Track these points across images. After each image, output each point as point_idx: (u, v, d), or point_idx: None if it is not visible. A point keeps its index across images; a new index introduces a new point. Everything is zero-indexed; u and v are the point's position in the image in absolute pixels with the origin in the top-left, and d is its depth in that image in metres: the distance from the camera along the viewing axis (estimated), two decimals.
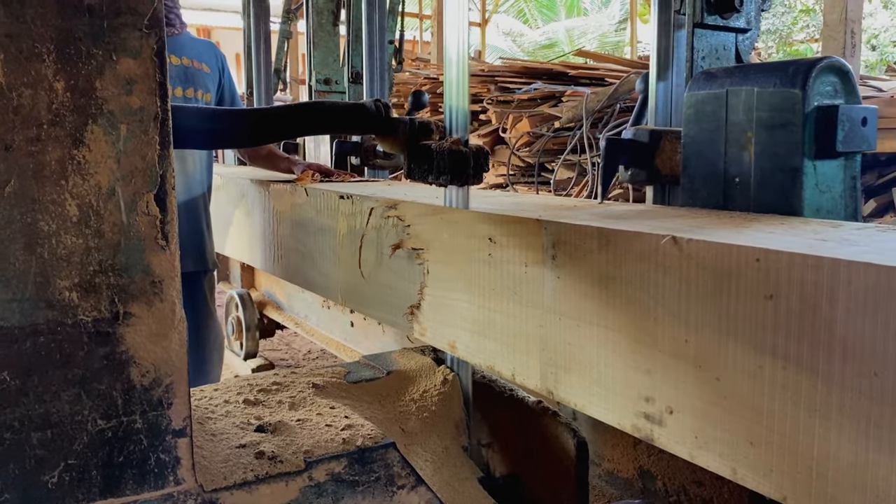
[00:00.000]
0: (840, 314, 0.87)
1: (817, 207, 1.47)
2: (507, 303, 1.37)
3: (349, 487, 1.27)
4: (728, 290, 1.00)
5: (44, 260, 0.99)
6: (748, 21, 1.84)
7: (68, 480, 1.03)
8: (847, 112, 1.44)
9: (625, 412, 1.16)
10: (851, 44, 4.41)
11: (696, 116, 1.58)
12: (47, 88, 0.96)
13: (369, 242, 1.84)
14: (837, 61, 1.49)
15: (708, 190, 1.56)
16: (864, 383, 0.85)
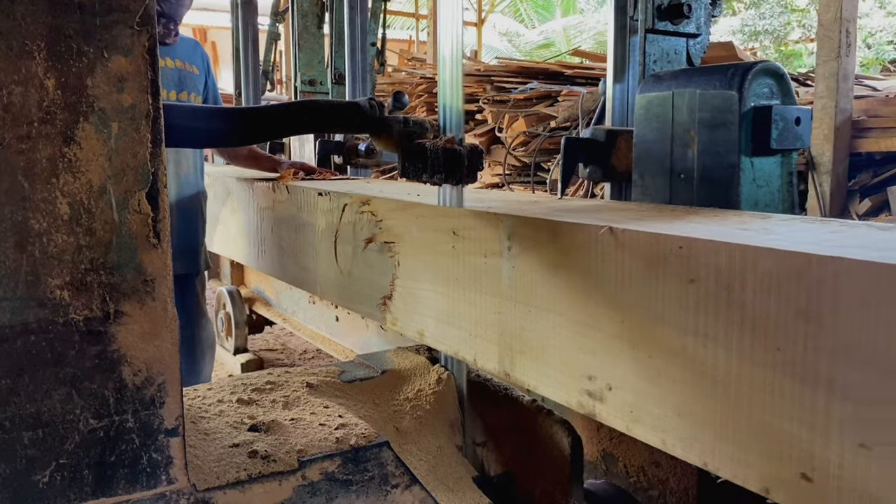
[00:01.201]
0: (749, 295, 0.96)
1: (755, 201, 1.56)
2: (469, 292, 1.45)
3: (343, 487, 1.26)
4: (656, 276, 1.08)
5: (35, 258, 0.98)
6: (698, 26, 1.94)
7: (60, 480, 1.03)
8: (781, 112, 1.54)
9: (571, 390, 1.23)
10: (847, 43, 4.42)
11: (645, 117, 1.67)
12: (38, 86, 0.96)
13: (345, 237, 1.92)
14: (773, 65, 1.59)
15: (656, 185, 1.65)
16: (769, 357, 0.94)
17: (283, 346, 4.46)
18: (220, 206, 2.84)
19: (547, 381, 1.28)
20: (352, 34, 2.83)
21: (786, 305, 0.92)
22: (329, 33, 3.47)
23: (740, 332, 0.97)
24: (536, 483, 1.49)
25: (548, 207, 1.48)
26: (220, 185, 2.86)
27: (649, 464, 1.68)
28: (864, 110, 4.59)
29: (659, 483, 1.65)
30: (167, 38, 2.42)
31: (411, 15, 14.78)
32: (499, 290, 1.37)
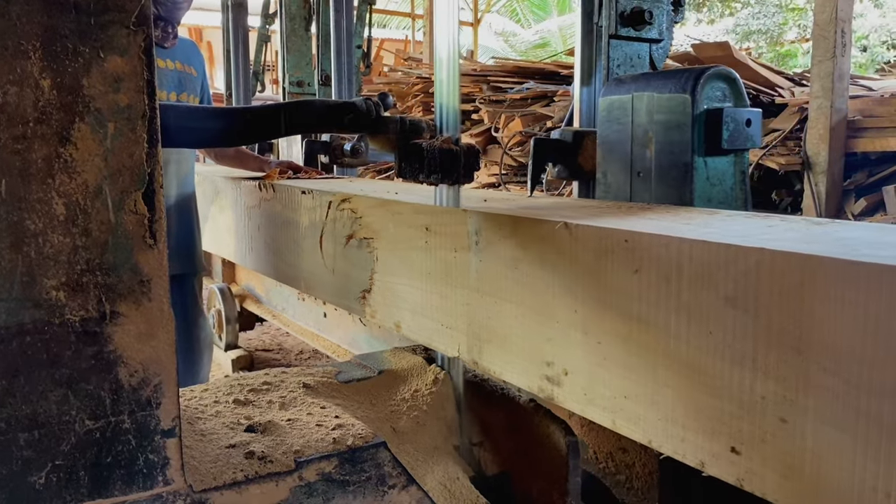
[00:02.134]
0: (685, 283, 1.04)
1: (709, 198, 1.65)
2: (441, 285, 1.53)
3: (340, 487, 1.26)
4: (605, 267, 1.16)
5: (30, 259, 0.98)
6: (660, 32, 2.02)
7: (56, 481, 1.03)
8: (732, 114, 1.63)
9: (532, 376, 1.32)
10: (842, 43, 4.43)
11: (607, 118, 1.75)
12: (33, 86, 0.95)
13: (328, 234, 1.99)
14: (725, 70, 1.68)
15: (618, 183, 1.74)
16: (703, 341, 1.02)
17: (280, 346, 4.46)
18: (209, 204, 2.89)
19: (511, 367, 1.36)
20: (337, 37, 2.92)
21: (716, 293, 0.99)
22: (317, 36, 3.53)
23: (677, 317, 1.05)
24: (533, 483, 1.49)
25: (516, 205, 1.55)
26: (209, 184, 2.91)
27: (617, 450, 1.74)
28: (859, 110, 4.60)
29: (626, 468, 1.72)
30: (165, 42, 2.42)
31: (407, 15, 14.78)
32: (467, 283, 1.45)
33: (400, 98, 7.03)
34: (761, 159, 4.50)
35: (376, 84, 7.90)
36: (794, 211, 4.68)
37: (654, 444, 1.12)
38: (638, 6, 1.95)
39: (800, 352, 0.91)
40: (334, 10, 2.90)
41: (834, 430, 0.88)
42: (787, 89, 5.20)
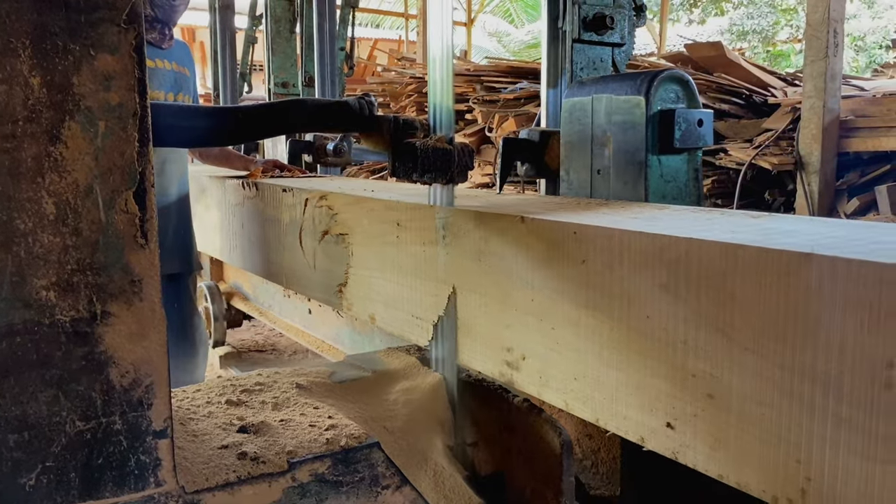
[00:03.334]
0: (626, 271, 1.12)
1: (663, 194, 1.75)
2: (411, 277, 1.63)
3: (333, 488, 1.26)
4: (557, 258, 1.25)
5: (20, 259, 0.97)
6: (622, 36, 2.12)
7: (46, 483, 1.02)
8: (684, 115, 1.73)
9: (494, 362, 1.42)
10: (834, 43, 4.45)
11: (569, 119, 1.85)
12: (23, 84, 0.95)
13: (307, 230, 2.09)
14: (678, 73, 1.78)
15: (580, 181, 1.84)
16: (642, 324, 1.11)
17: (273, 346, 4.45)
18: (195, 203, 2.97)
19: (475, 355, 1.47)
20: (321, 39, 2.99)
21: (652, 279, 1.08)
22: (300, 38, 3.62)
23: (619, 303, 1.13)
24: (527, 483, 1.49)
25: (483, 201, 1.63)
26: (195, 182, 2.98)
27: (583, 436, 1.80)
28: (851, 110, 4.62)
29: (591, 453, 1.79)
30: (162, 43, 2.44)
31: (401, 15, 14.78)
32: (435, 275, 1.54)
33: (393, 98, 7.02)
34: (754, 159, 4.51)
35: (369, 84, 7.89)
36: (787, 210, 4.69)
37: (601, 423, 1.20)
38: (600, 12, 2.05)
39: (724, 333, 0.99)
40: (317, 14, 2.97)
41: (756, 405, 0.96)
42: (779, 89, 5.21)
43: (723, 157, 4.68)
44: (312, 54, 3.15)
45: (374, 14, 18.16)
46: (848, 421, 0.86)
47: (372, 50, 13.74)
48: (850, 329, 0.86)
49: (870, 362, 0.84)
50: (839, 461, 0.88)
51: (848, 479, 0.87)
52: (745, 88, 5.10)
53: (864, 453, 0.85)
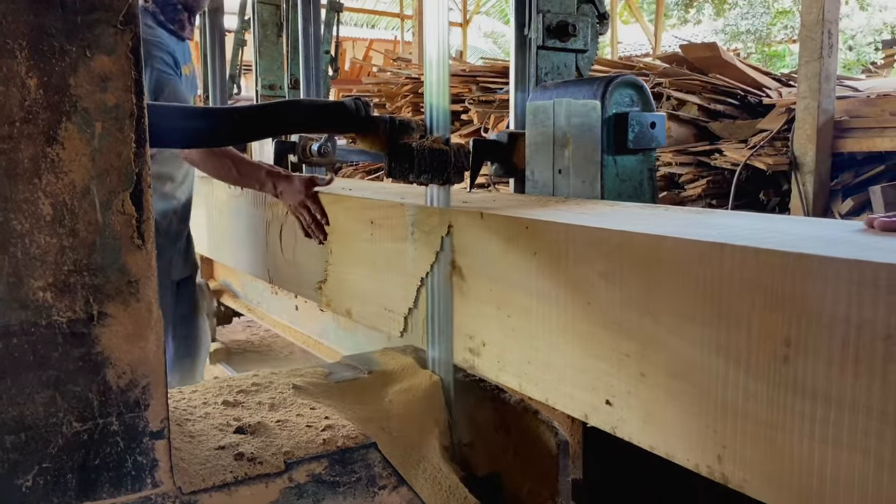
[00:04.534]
0: (571, 262, 1.23)
1: (619, 193, 1.86)
2: (383, 273, 1.74)
3: (330, 488, 1.26)
4: (512, 250, 1.36)
5: (17, 259, 0.97)
6: (585, 43, 2.23)
7: (43, 484, 1.02)
8: (637, 118, 1.83)
9: (458, 349, 1.53)
10: (829, 44, 4.46)
11: (533, 121, 1.93)
12: (20, 85, 0.95)
13: (288, 228, 2.20)
14: (632, 78, 1.90)
15: (543, 180, 1.92)
16: (584, 310, 1.21)
17: (269, 347, 4.44)
18: None
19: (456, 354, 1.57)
20: (305, 43, 3.07)
21: (592, 269, 1.19)
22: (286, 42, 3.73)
23: (565, 291, 1.24)
24: (523, 483, 1.49)
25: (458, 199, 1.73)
26: None
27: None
28: (846, 111, 4.63)
29: None
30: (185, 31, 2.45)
31: (396, 15, 14.77)
32: (405, 270, 1.64)
33: (389, 98, 7.02)
34: (749, 160, 4.52)
35: (365, 84, 7.89)
36: (782, 211, 4.70)
37: (550, 402, 1.31)
38: (563, 20, 2.14)
39: (652, 316, 1.09)
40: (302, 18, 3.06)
41: (678, 381, 1.06)
42: (774, 90, 5.22)
43: (718, 158, 4.68)
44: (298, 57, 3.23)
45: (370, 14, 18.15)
46: (754, 393, 0.96)
47: (368, 50, 13.73)
48: (755, 310, 0.95)
49: (771, 340, 0.93)
50: (748, 429, 0.97)
51: (755, 446, 0.96)
52: (739, 89, 5.11)
53: (767, 422, 0.95)
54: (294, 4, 3.33)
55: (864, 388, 0.85)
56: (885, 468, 0.84)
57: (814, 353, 0.89)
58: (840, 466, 0.88)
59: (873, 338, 0.84)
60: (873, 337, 0.83)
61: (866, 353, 0.84)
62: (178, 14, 2.44)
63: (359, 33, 18.40)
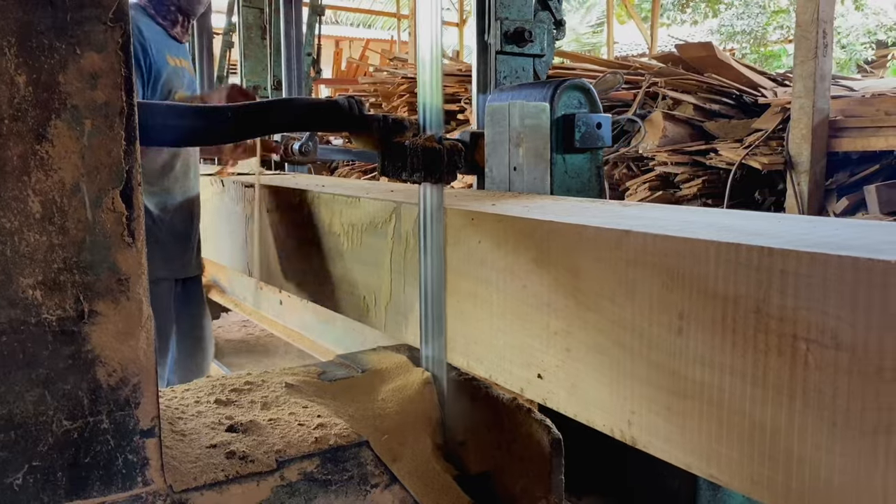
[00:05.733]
0: (509, 249, 1.34)
1: (568, 188, 2.03)
2: (350, 262, 1.92)
3: (322, 487, 1.26)
4: (461, 239, 1.48)
5: (6, 258, 0.97)
6: (542, 48, 2.38)
7: (33, 482, 1.01)
8: (583, 119, 2.00)
9: (415, 334, 1.61)
10: (823, 44, 4.47)
11: (491, 122, 2.04)
12: (8, 82, 0.94)
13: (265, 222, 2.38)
14: (580, 82, 2.06)
15: (500, 177, 2.03)
16: (520, 293, 1.33)
17: (265, 347, 4.44)
18: None
19: (405, 331, 1.72)
20: (287, 45, 3.22)
21: (526, 255, 1.31)
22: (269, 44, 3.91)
23: (503, 276, 1.35)
24: (517, 481, 1.49)
25: (405, 195, 1.85)
26: None
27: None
28: (841, 110, 4.64)
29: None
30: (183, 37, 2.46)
31: (393, 15, 14.78)
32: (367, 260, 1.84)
33: (385, 98, 7.02)
34: (744, 159, 4.53)
35: (361, 84, 7.89)
36: (777, 210, 4.71)
37: (492, 378, 1.44)
38: (520, 27, 2.28)
39: (574, 297, 1.21)
40: (284, 21, 3.19)
41: (596, 355, 1.18)
42: (769, 89, 5.23)
43: (713, 157, 4.69)
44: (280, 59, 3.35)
45: (366, 14, 18.14)
46: (656, 363, 1.07)
47: (364, 50, 13.73)
48: (655, 289, 1.07)
49: (668, 314, 1.05)
50: (651, 395, 1.09)
51: (658, 410, 1.08)
52: (735, 88, 5.12)
53: (668, 388, 1.06)
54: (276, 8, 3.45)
55: (741, 356, 0.96)
56: (756, 429, 0.94)
57: (701, 326, 1.01)
58: (724, 427, 0.99)
59: (746, 311, 0.95)
60: (746, 310, 0.95)
61: (741, 325, 0.95)
62: (170, 14, 2.45)
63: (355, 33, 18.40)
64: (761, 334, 0.93)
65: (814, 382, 0.87)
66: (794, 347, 0.89)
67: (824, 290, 0.86)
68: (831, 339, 0.86)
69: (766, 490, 0.94)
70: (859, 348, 0.83)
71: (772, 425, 0.92)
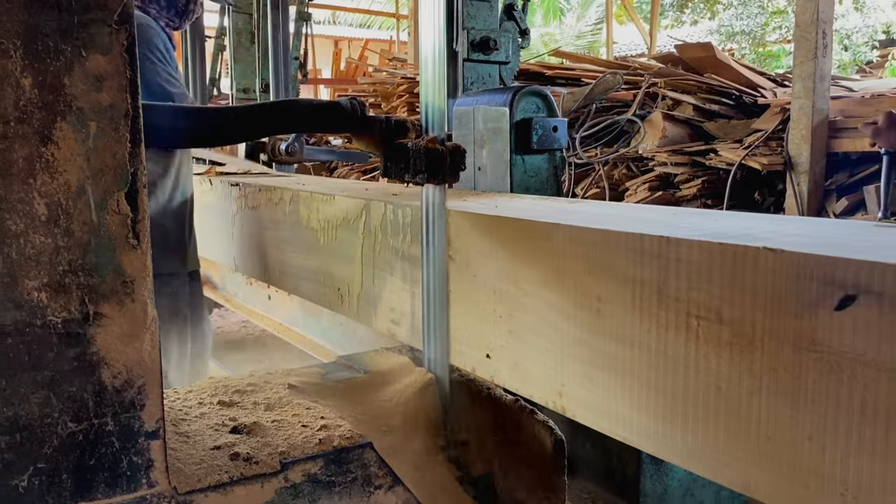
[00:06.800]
0: (464, 241, 1.48)
1: (527, 187, 2.16)
2: (325, 255, 2.06)
3: (325, 488, 1.26)
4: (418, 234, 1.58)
5: (11, 260, 0.97)
6: (507, 56, 2.52)
7: (38, 484, 1.01)
8: (540, 122, 2.14)
9: (383, 321, 1.81)
10: (823, 44, 4.47)
11: (458, 125, 2.18)
12: (14, 85, 0.94)
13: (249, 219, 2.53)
14: (537, 88, 2.21)
15: (466, 176, 2.15)
16: (470, 279, 1.47)
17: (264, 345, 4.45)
18: None
19: (373, 318, 1.86)
20: (275, 50, 3.34)
21: (476, 247, 1.44)
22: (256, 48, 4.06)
23: (458, 267, 1.48)
24: (519, 482, 1.49)
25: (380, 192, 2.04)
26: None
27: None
28: (840, 110, 4.65)
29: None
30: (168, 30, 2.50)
31: (392, 15, 14.77)
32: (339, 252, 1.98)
33: (385, 98, 7.02)
34: (744, 160, 4.53)
35: (361, 84, 7.89)
36: (777, 210, 4.71)
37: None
38: (486, 36, 2.42)
39: (516, 283, 1.34)
40: (272, 27, 3.31)
41: (534, 335, 1.30)
42: (769, 90, 5.24)
43: (713, 158, 4.70)
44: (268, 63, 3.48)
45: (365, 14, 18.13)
46: (580, 341, 1.21)
47: (363, 50, 13.73)
48: (579, 275, 1.19)
49: (589, 298, 1.18)
50: (577, 369, 1.22)
51: (583, 383, 1.21)
52: (734, 89, 5.13)
53: (590, 362, 1.19)
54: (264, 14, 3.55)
55: (647, 332, 1.08)
56: (659, 395, 1.07)
57: (615, 307, 1.13)
58: (635, 394, 1.12)
59: (650, 293, 1.07)
60: (650, 292, 1.07)
61: (647, 305, 1.08)
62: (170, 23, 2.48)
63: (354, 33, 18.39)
64: (663, 312, 1.06)
65: (703, 353, 1.01)
66: (687, 323, 1.02)
67: (710, 274, 0.99)
68: (716, 315, 0.99)
69: (666, 448, 1.08)
70: (736, 323, 0.96)
71: (672, 392, 1.05)
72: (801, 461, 0.90)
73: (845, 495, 0.86)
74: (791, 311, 0.90)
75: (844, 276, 0.84)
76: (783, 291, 0.90)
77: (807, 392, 0.89)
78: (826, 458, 0.88)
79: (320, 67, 12.92)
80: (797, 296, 0.89)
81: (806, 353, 0.88)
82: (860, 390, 0.84)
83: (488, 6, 2.50)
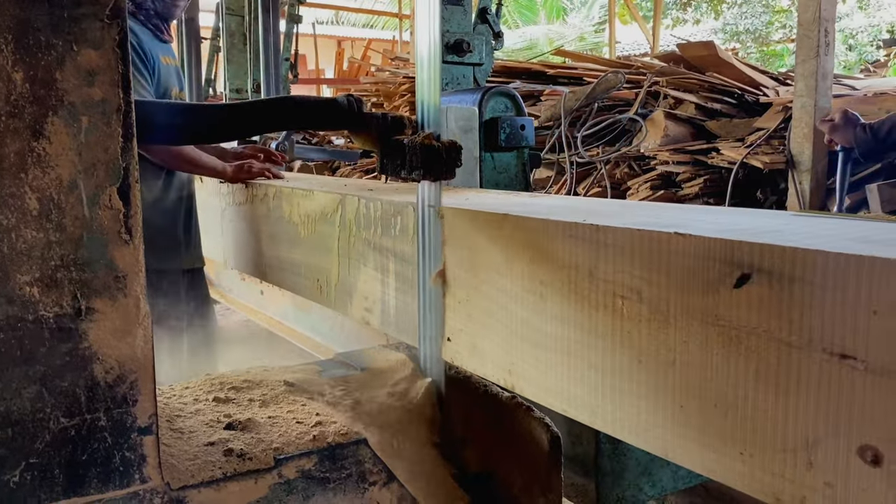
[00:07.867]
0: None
1: (496, 182, 2.27)
2: (308, 249, 2.12)
3: (320, 484, 1.26)
4: (389, 226, 1.70)
5: (3, 254, 0.97)
6: (481, 57, 2.62)
7: (30, 479, 1.01)
8: (508, 121, 2.25)
9: (357, 310, 1.88)
10: (825, 43, 4.45)
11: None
12: (5, 79, 0.94)
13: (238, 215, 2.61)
14: (505, 89, 2.33)
15: None
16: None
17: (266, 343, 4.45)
18: None
19: (347, 306, 1.94)
20: (266, 51, 3.45)
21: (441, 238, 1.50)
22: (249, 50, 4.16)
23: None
24: (516, 479, 1.49)
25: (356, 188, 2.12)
26: None
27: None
28: None
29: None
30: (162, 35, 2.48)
31: (394, 15, 14.77)
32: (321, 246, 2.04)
33: (387, 97, 7.02)
34: (746, 158, 4.52)
35: (363, 84, 7.88)
36: (778, 209, 4.70)
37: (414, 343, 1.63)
38: (460, 39, 2.52)
39: (472, 271, 1.42)
40: (262, 29, 3.42)
41: (489, 318, 1.39)
42: (771, 88, 5.22)
43: (715, 157, 4.68)
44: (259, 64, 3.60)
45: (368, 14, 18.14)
46: (527, 322, 1.29)
47: (366, 50, 13.72)
48: (526, 262, 1.28)
49: (533, 282, 1.26)
50: (525, 349, 1.31)
51: (529, 360, 1.30)
52: (736, 88, 5.11)
53: (535, 342, 1.27)
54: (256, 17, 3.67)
55: (581, 312, 1.17)
56: (592, 369, 1.16)
57: (555, 290, 1.22)
58: (573, 370, 1.20)
59: (583, 276, 1.16)
60: (583, 275, 1.16)
61: (580, 287, 1.16)
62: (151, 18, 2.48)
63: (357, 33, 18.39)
64: (594, 294, 1.14)
65: (627, 330, 1.09)
66: (614, 303, 1.11)
67: (632, 257, 1.07)
68: (637, 294, 1.07)
69: (599, 419, 1.17)
70: (654, 301, 1.05)
71: (602, 366, 1.14)
72: (708, 427, 0.99)
73: (744, 454, 0.94)
74: (699, 289, 0.98)
75: (741, 256, 0.93)
76: (692, 272, 0.99)
77: (712, 363, 0.97)
78: (727, 423, 0.96)
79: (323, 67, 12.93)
80: (704, 275, 0.97)
81: (711, 328, 0.97)
82: (755, 360, 0.92)
83: (462, 10, 2.58)
